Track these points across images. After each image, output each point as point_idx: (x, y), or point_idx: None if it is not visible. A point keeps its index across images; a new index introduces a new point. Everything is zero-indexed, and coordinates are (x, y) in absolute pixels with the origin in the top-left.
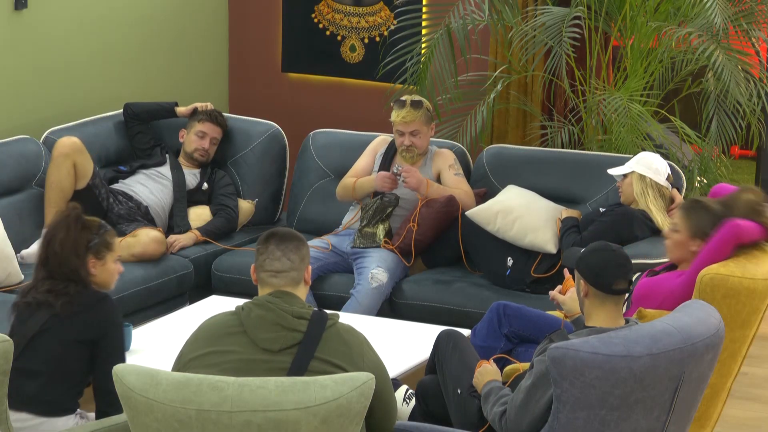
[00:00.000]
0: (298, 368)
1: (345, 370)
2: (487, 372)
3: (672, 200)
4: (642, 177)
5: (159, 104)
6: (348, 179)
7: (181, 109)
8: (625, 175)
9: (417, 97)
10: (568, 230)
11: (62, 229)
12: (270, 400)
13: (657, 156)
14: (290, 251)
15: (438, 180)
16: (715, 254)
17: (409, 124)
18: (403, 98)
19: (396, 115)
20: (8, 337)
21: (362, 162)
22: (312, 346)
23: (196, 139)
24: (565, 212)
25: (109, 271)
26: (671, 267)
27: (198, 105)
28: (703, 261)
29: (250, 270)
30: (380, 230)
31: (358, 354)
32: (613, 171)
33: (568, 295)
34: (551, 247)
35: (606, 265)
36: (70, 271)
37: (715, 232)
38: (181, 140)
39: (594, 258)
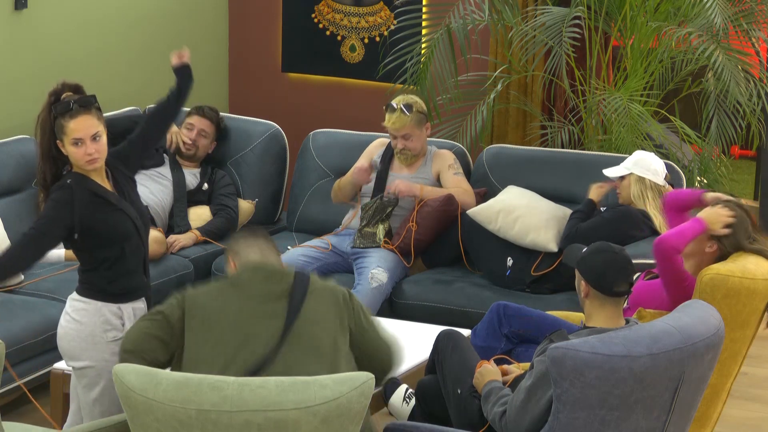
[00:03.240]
0: (295, 310)
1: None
2: (487, 372)
3: None
4: (641, 179)
5: (121, 118)
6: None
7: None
8: (622, 177)
9: (409, 100)
10: (574, 215)
11: (43, 110)
12: (270, 400)
13: (654, 156)
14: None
15: (438, 180)
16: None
17: (400, 130)
18: (394, 102)
19: (387, 120)
20: (0, 341)
21: (359, 165)
22: (303, 289)
23: (185, 132)
24: (595, 190)
25: (71, 154)
26: None
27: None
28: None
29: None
30: (380, 230)
31: (340, 294)
32: (610, 171)
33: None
34: (553, 247)
35: (608, 267)
36: (47, 153)
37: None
38: None
39: (596, 259)
